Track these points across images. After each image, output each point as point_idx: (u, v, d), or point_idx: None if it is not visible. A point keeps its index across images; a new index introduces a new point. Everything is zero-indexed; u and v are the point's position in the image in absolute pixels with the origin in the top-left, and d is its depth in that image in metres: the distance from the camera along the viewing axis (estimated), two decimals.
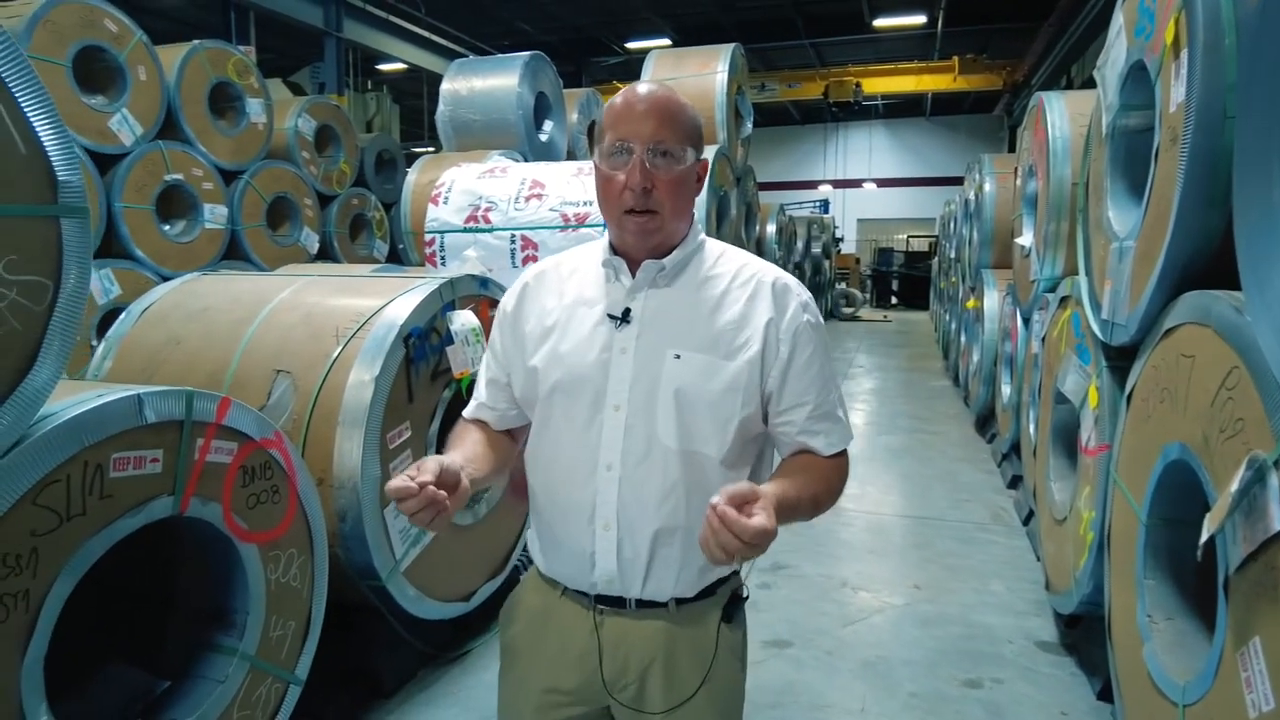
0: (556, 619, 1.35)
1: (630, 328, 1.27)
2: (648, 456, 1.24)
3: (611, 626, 1.30)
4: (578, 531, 1.28)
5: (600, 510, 1.26)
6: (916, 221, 25.54)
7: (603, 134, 1.25)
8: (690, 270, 1.31)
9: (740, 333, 1.26)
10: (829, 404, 1.30)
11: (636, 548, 1.26)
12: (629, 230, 1.24)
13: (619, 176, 1.21)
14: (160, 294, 3.15)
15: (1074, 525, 3.00)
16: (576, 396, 1.27)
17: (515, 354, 1.36)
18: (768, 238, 9.90)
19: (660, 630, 1.29)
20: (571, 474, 1.28)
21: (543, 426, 1.33)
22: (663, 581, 1.28)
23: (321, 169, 7.64)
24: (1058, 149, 4.16)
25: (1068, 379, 3.20)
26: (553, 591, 1.36)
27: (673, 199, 1.23)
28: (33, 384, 1.56)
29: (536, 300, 1.36)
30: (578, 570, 1.31)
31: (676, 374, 1.24)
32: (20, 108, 1.50)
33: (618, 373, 1.25)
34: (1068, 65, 13.69)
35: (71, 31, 5.21)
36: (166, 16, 13.66)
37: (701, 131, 1.29)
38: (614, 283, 1.30)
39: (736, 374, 1.24)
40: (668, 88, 1.26)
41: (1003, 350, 6.09)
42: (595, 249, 1.36)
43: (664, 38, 16.51)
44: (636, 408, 1.24)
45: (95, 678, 2.09)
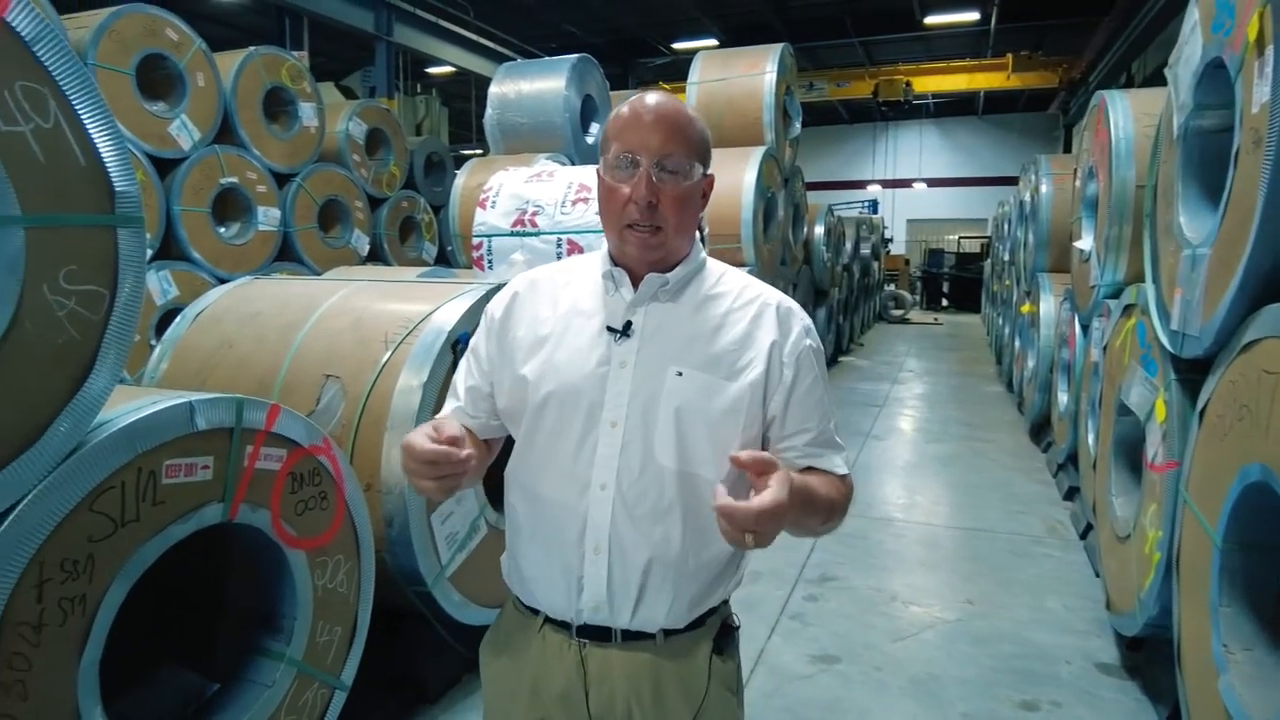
0: (537, 654, 1.27)
1: (630, 341, 1.22)
2: (643, 475, 1.19)
3: (596, 660, 1.23)
4: (565, 554, 1.22)
5: (591, 532, 1.20)
6: (968, 222, 25.01)
7: (608, 143, 1.21)
8: (693, 288, 1.26)
9: (743, 354, 1.21)
10: (829, 431, 1.27)
11: (628, 573, 1.20)
12: (631, 244, 1.20)
13: (623, 189, 1.17)
14: (214, 298, 3.20)
15: (1138, 543, 2.87)
16: (570, 410, 1.21)
17: (501, 363, 1.30)
18: (815, 239, 9.75)
19: (647, 663, 1.23)
20: (561, 492, 1.22)
21: (529, 441, 1.26)
22: (653, 610, 1.22)
23: (372, 172, 7.76)
24: (1121, 150, 4.01)
25: (1132, 391, 3.07)
26: (532, 623, 1.28)
27: (678, 215, 1.19)
28: (90, 391, 1.58)
29: (529, 308, 1.30)
30: (562, 596, 1.23)
31: (677, 391, 1.19)
32: (81, 121, 1.52)
33: (615, 387, 1.20)
34: (1128, 62, 13.24)
35: (135, 41, 5.37)
36: (224, 23, 14.02)
37: (710, 145, 1.24)
38: (614, 295, 1.25)
39: (739, 396, 1.20)
40: (676, 99, 1.22)
41: (1059, 357, 5.90)
42: (592, 260, 1.32)
43: (710, 38, 16.42)
44: (634, 424, 1.19)
45: (149, 679, 2.12)
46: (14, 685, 1.49)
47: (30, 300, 1.47)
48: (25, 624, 1.50)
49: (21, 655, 1.50)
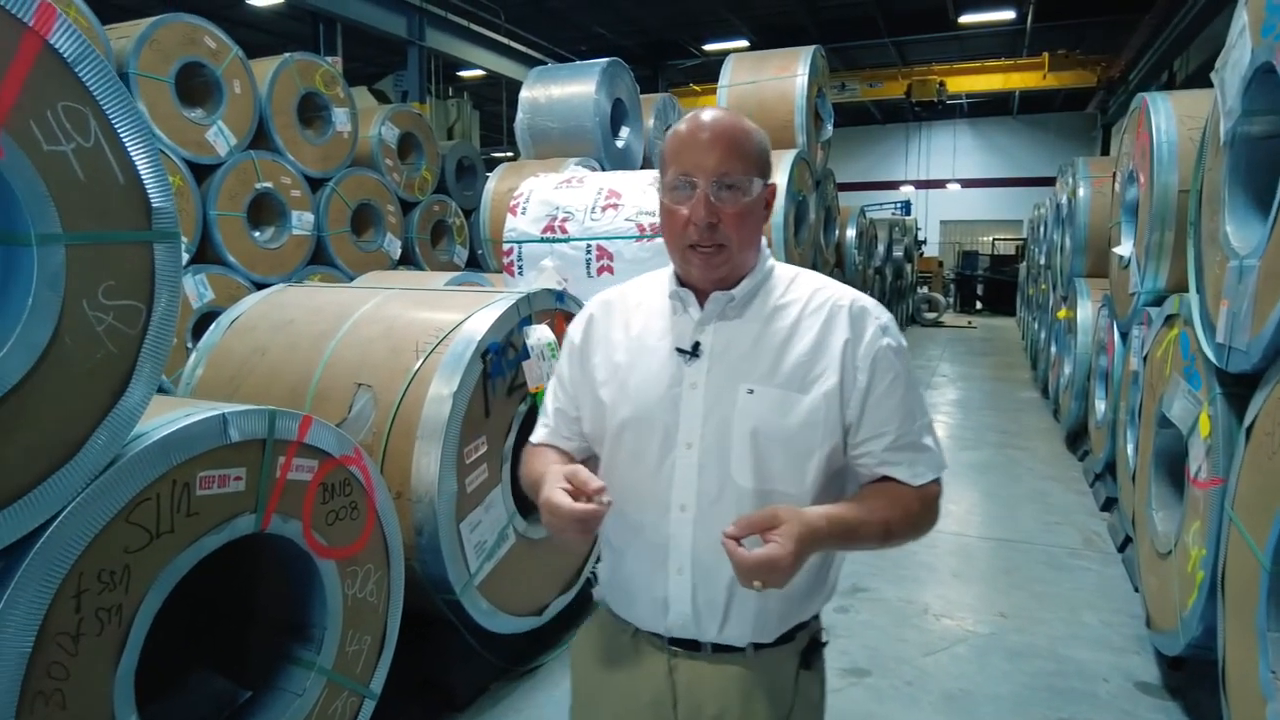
0: (628, 661, 1.30)
1: (700, 362, 1.22)
2: (721, 497, 1.19)
3: (686, 671, 1.25)
4: (651, 574, 1.24)
5: (674, 553, 1.22)
6: (1003, 223, 24.64)
7: (665, 165, 1.21)
8: (760, 299, 1.25)
9: (815, 363, 1.20)
10: (913, 433, 1.22)
11: (712, 592, 1.21)
12: (694, 264, 1.20)
13: (682, 210, 1.17)
14: (248, 305, 3.24)
15: (1180, 561, 2.80)
16: (646, 434, 1.23)
17: (584, 387, 1.33)
18: (847, 241, 9.66)
19: (736, 676, 1.24)
20: (643, 515, 1.24)
21: (611, 464, 1.29)
22: (740, 626, 1.23)
23: (404, 176, 7.83)
24: (1163, 154, 3.91)
25: (1174, 403, 2.99)
26: (624, 632, 1.31)
27: (739, 231, 1.18)
28: (127, 405, 1.61)
29: (603, 333, 1.32)
30: (651, 613, 1.26)
31: (750, 410, 1.18)
32: (120, 139, 1.55)
33: (689, 409, 1.21)
34: (1170, 60, 12.95)
35: (174, 49, 5.47)
36: (260, 29, 14.25)
37: (769, 156, 1.23)
38: (681, 315, 1.26)
39: (814, 408, 1.18)
40: (732, 113, 1.21)
41: (1097, 364, 5.78)
42: (661, 279, 1.32)
43: (742, 39, 16.34)
44: (709, 445, 1.19)
45: (183, 683, 2.15)
46: (53, 694, 1.52)
47: (70, 316, 1.49)
48: (64, 634, 1.53)
49: (60, 665, 1.52)
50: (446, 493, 2.52)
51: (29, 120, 1.41)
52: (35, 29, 1.41)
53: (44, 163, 1.43)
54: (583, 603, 3.43)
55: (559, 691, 2.91)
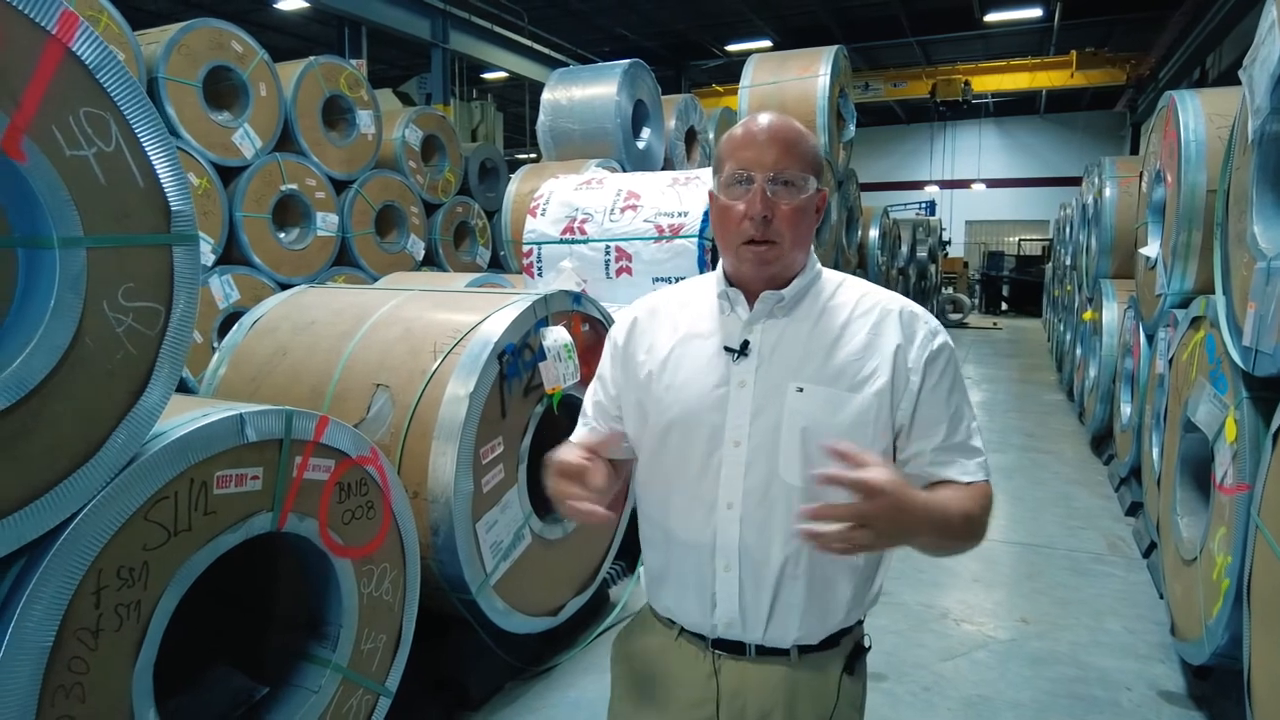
0: (672, 661, 1.31)
1: (749, 360, 1.22)
2: (769, 494, 1.20)
3: (730, 672, 1.26)
4: (697, 571, 1.25)
5: (721, 550, 1.23)
6: (1029, 224, 24.35)
7: (721, 163, 1.22)
8: (809, 300, 1.26)
9: (866, 363, 1.20)
10: (961, 434, 1.23)
11: (759, 590, 1.22)
12: (747, 260, 1.21)
13: (738, 206, 1.18)
14: (270, 306, 3.28)
15: (1205, 568, 2.75)
16: (693, 432, 1.23)
17: (626, 387, 1.34)
18: (870, 242, 9.59)
19: (781, 678, 1.25)
20: (689, 512, 1.25)
21: (655, 462, 1.30)
22: (786, 626, 1.23)
23: (427, 178, 7.89)
24: (1191, 153, 3.84)
25: (1199, 407, 2.93)
26: (668, 631, 1.33)
27: (793, 229, 1.19)
28: (146, 404, 1.64)
29: (649, 333, 1.33)
30: (697, 611, 1.27)
31: (800, 408, 1.19)
32: (140, 143, 1.57)
33: (737, 407, 1.21)
34: (1202, 57, 12.72)
35: (202, 54, 5.56)
36: (285, 32, 14.44)
37: (822, 160, 1.24)
38: (729, 314, 1.26)
39: (864, 407, 1.19)
40: (787, 117, 1.22)
41: (1122, 367, 5.69)
42: (708, 280, 1.33)
43: (764, 39, 16.29)
44: (757, 444, 1.20)
45: (201, 679, 2.18)
46: (73, 688, 1.55)
47: (91, 317, 1.52)
48: (84, 629, 1.56)
49: (80, 659, 1.55)
50: (463, 493, 2.54)
51: (52, 125, 1.44)
52: (58, 36, 1.44)
53: (66, 167, 1.46)
54: (598, 604, 3.43)
55: (574, 692, 2.92)
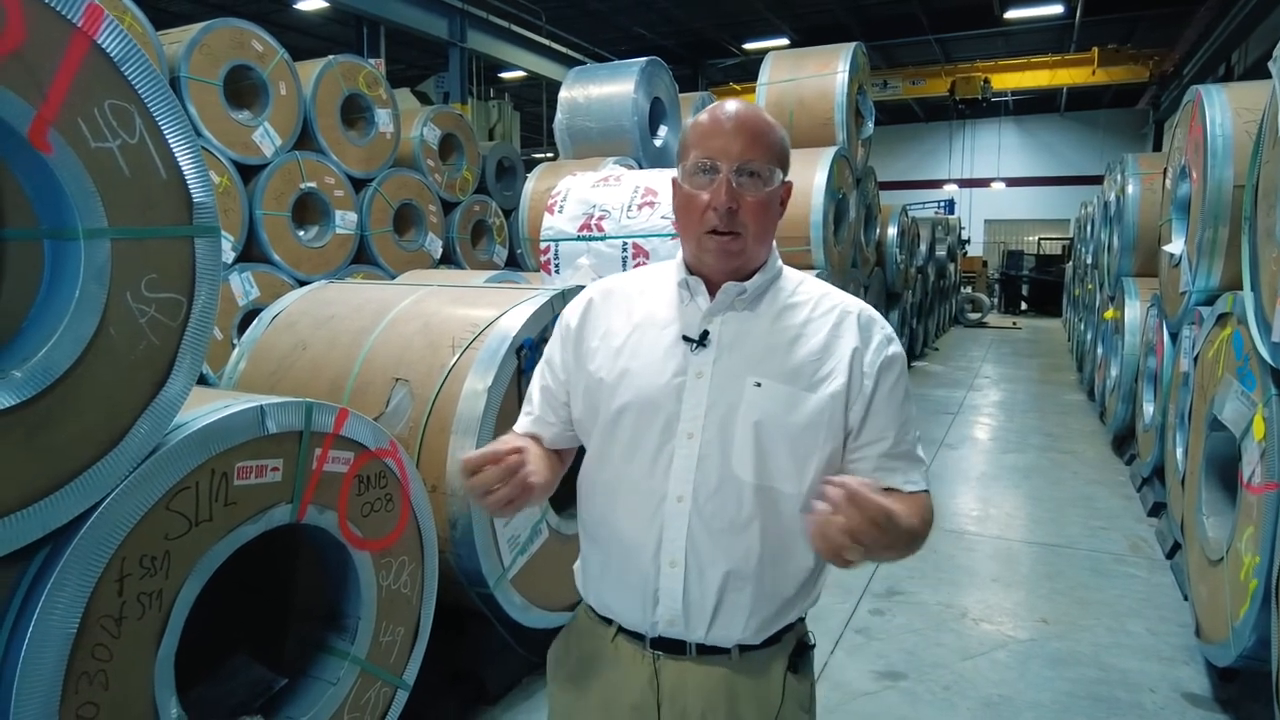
0: (610, 663, 1.27)
1: (707, 351, 1.20)
2: (721, 489, 1.17)
3: (670, 673, 1.23)
4: (640, 567, 1.21)
5: (667, 545, 1.19)
6: (1049, 223, 24.12)
7: (686, 150, 1.19)
8: (770, 296, 1.24)
9: (824, 364, 1.19)
10: (908, 443, 1.22)
11: (705, 588, 1.19)
12: (710, 251, 1.18)
13: (702, 196, 1.16)
14: (290, 301, 3.31)
15: (1233, 568, 2.70)
16: (646, 421, 1.20)
17: (577, 371, 1.29)
18: (888, 240, 9.52)
19: (722, 678, 1.22)
20: (636, 504, 1.21)
21: (603, 451, 1.25)
22: (729, 626, 1.20)
23: (445, 176, 7.92)
24: (1217, 148, 3.79)
25: (1226, 405, 2.89)
26: (605, 631, 1.28)
27: (757, 221, 1.17)
28: (168, 395, 1.65)
29: (604, 317, 1.29)
30: (638, 608, 1.23)
31: (757, 403, 1.17)
32: (164, 136, 1.58)
33: (692, 398, 1.18)
34: (1227, 52, 12.53)
35: (223, 53, 5.61)
36: (305, 32, 14.55)
37: (789, 152, 1.22)
38: (689, 304, 1.24)
39: (820, 407, 1.17)
40: (755, 106, 1.21)
41: (1145, 366, 5.62)
42: (667, 268, 1.30)
43: (782, 37, 16.23)
44: (711, 437, 1.17)
45: (221, 669, 2.20)
46: (96, 675, 1.56)
47: (114, 308, 1.54)
48: (108, 616, 1.57)
49: (104, 646, 1.57)
50: None
51: (77, 118, 1.45)
52: (84, 29, 1.45)
53: (91, 159, 1.48)
54: None
55: None
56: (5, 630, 1.47)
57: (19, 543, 1.43)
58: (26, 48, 1.37)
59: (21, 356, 1.43)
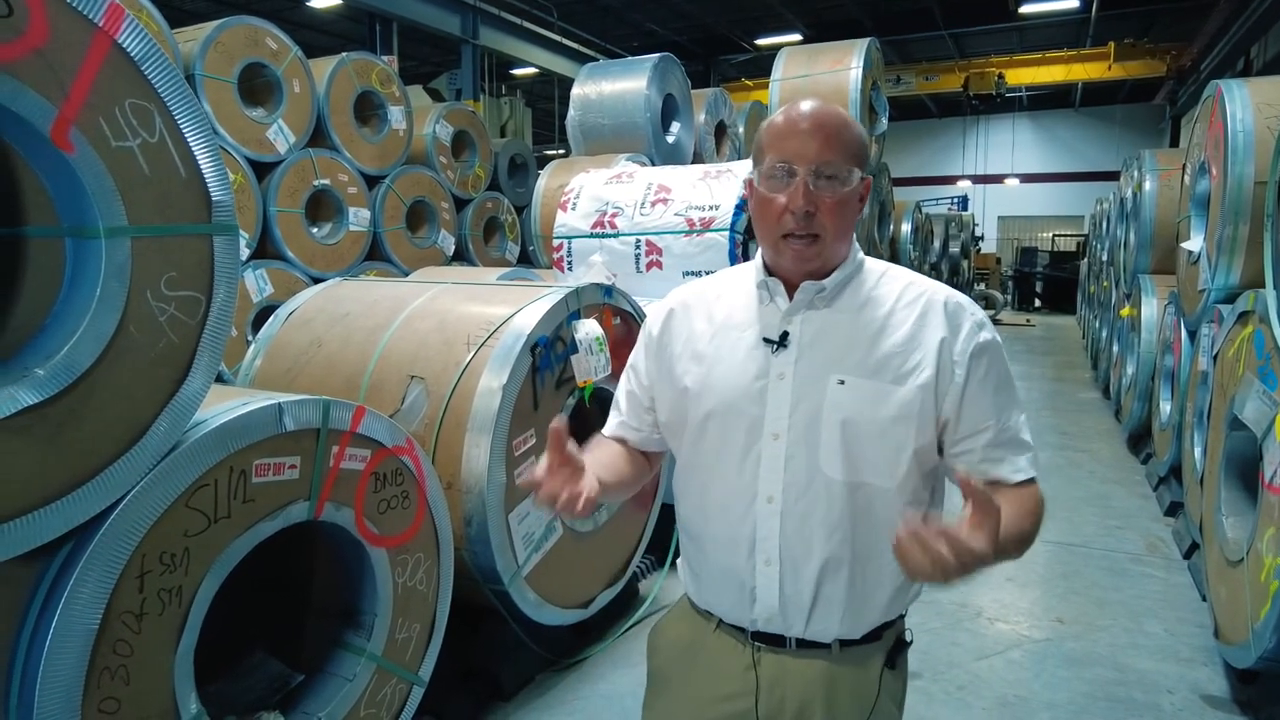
0: (710, 652, 1.30)
1: (788, 352, 1.20)
2: (810, 488, 1.18)
3: (769, 664, 1.24)
4: (736, 565, 1.23)
5: (761, 544, 1.21)
6: (1063, 219, 23.94)
7: (762, 153, 1.19)
8: (850, 291, 1.23)
9: (910, 355, 1.17)
10: (1012, 429, 1.20)
11: (800, 585, 1.20)
12: (787, 255, 1.18)
13: (779, 199, 1.15)
14: (305, 298, 3.32)
15: (1253, 569, 2.68)
16: (732, 424, 1.22)
17: (661, 379, 1.32)
18: (902, 237, 9.49)
19: (822, 671, 1.23)
20: (728, 505, 1.23)
21: (693, 455, 1.28)
22: (827, 621, 1.21)
23: (458, 173, 7.92)
24: (1238, 143, 3.75)
25: (1248, 404, 2.86)
26: (706, 623, 1.31)
27: (836, 222, 1.16)
28: (187, 393, 1.66)
29: (685, 323, 1.31)
30: (736, 605, 1.25)
31: (841, 401, 1.16)
32: (183, 135, 1.59)
33: (776, 399, 1.19)
34: (1246, 47, 12.39)
35: (238, 51, 5.62)
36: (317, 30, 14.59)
37: (867, 148, 1.21)
38: (768, 305, 1.24)
39: (908, 400, 1.16)
40: (832, 105, 1.19)
41: (1162, 364, 5.57)
42: (745, 271, 1.31)
43: (794, 33, 16.15)
44: (797, 437, 1.18)
45: (238, 665, 2.21)
46: (118, 670, 1.57)
47: (135, 306, 1.54)
48: (129, 612, 1.58)
49: (125, 642, 1.58)
50: (496, 484, 2.55)
51: (99, 117, 1.46)
52: (105, 29, 1.46)
53: (112, 158, 1.48)
54: (629, 596, 3.43)
55: (605, 685, 2.92)
56: (29, 626, 1.48)
57: (42, 539, 1.44)
58: (49, 47, 1.38)
59: (44, 354, 1.44)
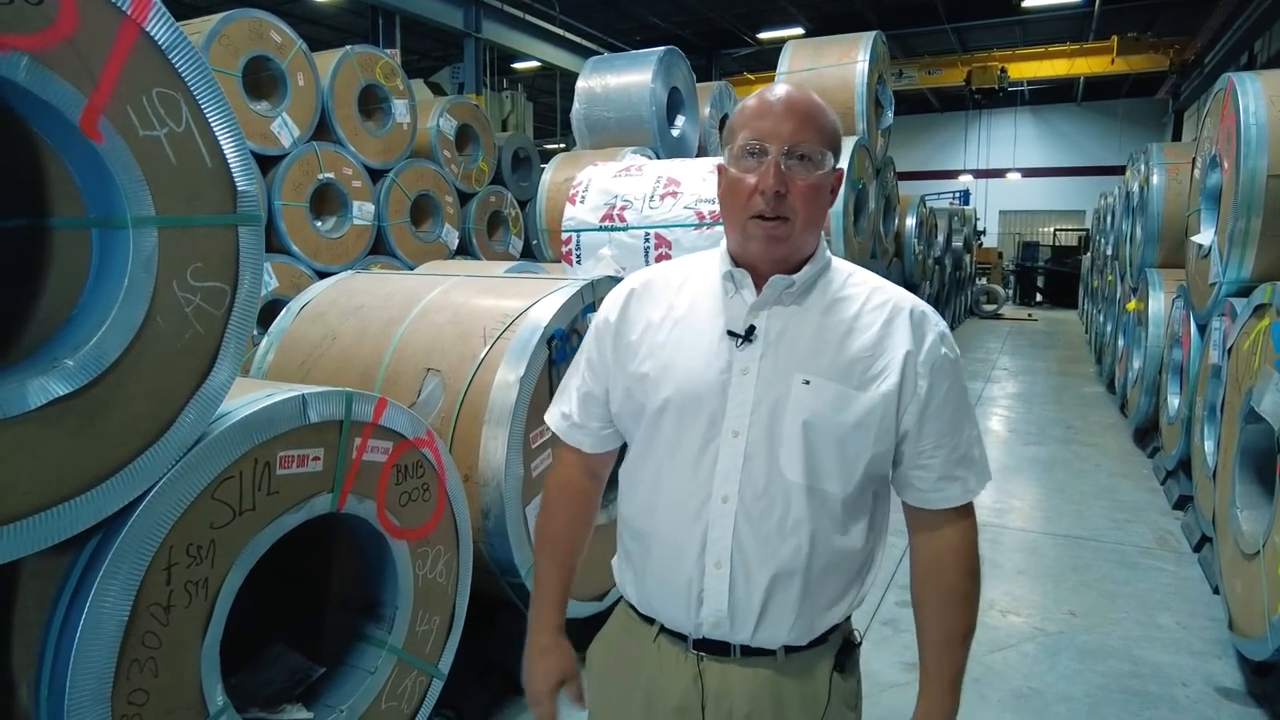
0: (652, 664, 1.23)
1: (753, 347, 1.15)
2: (768, 490, 1.13)
3: (714, 674, 1.19)
4: (684, 567, 1.17)
5: (712, 546, 1.15)
6: (1065, 214, 23.95)
7: (734, 133, 1.15)
8: (819, 289, 1.19)
9: (875, 361, 1.14)
10: (967, 443, 1.19)
11: (751, 589, 1.15)
12: (755, 237, 1.13)
13: (749, 179, 1.11)
14: (318, 291, 3.31)
15: (1270, 562, 2.68)
16: (690, 418, 1.15)
17: (616, 366, 1.25)
18: (907, 231, 9.48)
19: (768, 680, 1.18)
20: (680, 504, 1.17)
21: (646, 448, 1.22)
22: (776, 628, 1.17)
23: (461, 167, 7.90)
24: (1251, 137, 3.74)
25: (1265, 397, 2.86)
26: (647, 631, 1.24)
27: (807, 207, 1.12)
28: (213, 384, 1.65)
29: (644, 310, 1.24)
30: (681, 609, 1.19)
31: (805, 402, 1.12)
32: (209, 124, 1.58)
33: (738, 395, 1.14)
34: (1250, 41, 12.38)
35: (242, 44, 5.60)
36: (320, 23, 14.55)
37: (840, 137, 1.18)
38: (734, 297, 1.18)
39: (870, 408, 1.13)
40: (806, 89, 1.16)
41: (1169, 358, 5.57)
42: (710, 258, 1.25)
43: (797, 27, 16.12)
44: (758, 435, 1.13)
45: (260, 657, 2.21)
46: (146, 662, 1.57)
47: (162, 296, 1.54)
48: (156, 604, 1.58)
49: (153, 634, 1.58)
50: (513, 476, 2.54)
51: (127, 106, 1.45)
52: (133, 17, 1.45)
53: (140, 147, 1.47)
54: None
55: None
56: (58, 618, 1.48)
57: (73, 530, 1.43)
58: (78, 35, 1.37)
59: (72, 345, 1.44)
